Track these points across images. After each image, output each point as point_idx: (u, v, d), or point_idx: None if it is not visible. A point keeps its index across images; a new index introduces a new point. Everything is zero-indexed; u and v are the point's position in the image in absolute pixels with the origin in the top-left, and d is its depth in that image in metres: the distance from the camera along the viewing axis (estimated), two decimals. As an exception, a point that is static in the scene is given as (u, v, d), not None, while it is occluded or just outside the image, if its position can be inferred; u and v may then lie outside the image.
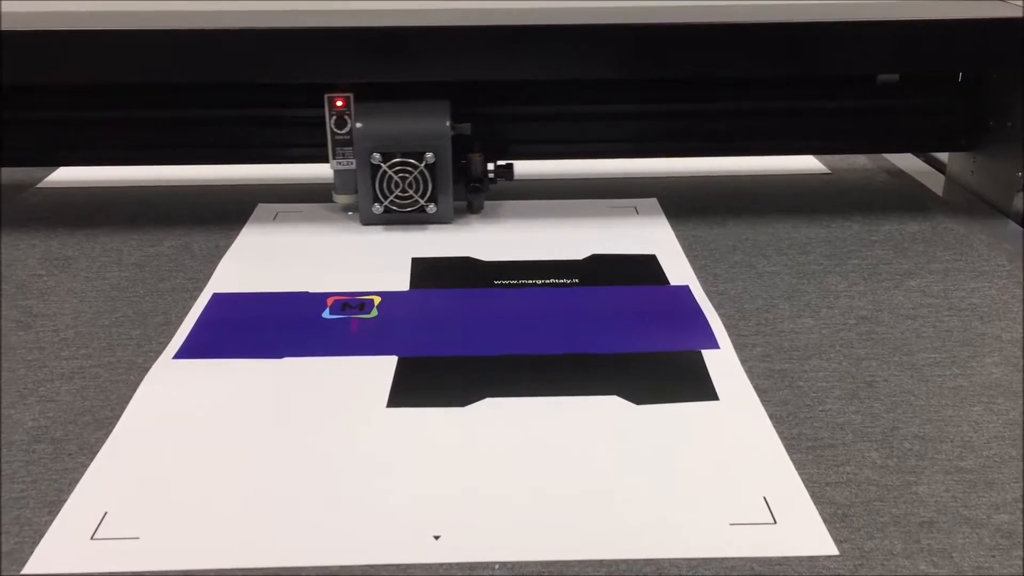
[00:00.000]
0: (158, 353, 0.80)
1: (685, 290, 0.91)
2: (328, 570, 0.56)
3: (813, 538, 0.58)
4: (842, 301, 0.89)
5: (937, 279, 0.94)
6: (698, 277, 0.94)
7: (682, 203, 1.14)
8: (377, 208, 1.04)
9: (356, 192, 1.06)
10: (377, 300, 0.89)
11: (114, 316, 0.87)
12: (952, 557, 0.57)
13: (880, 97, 1.17)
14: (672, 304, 0.89)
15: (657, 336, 0.82)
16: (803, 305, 0.89)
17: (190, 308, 0.88)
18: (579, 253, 0.99)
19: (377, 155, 1.02)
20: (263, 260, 0.99)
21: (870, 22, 1.02)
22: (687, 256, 0.99)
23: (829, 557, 0.57)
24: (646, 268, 0.96)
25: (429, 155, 1.02)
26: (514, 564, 0.56)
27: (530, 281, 0.93)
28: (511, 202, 1.15)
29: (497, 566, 0.56)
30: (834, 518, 0.60)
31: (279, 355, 0.79)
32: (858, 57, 1.06)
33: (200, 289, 0.92)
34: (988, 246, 1.01)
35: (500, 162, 1.11)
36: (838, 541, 0.58)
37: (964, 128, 1.18)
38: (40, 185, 1.24)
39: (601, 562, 0.56)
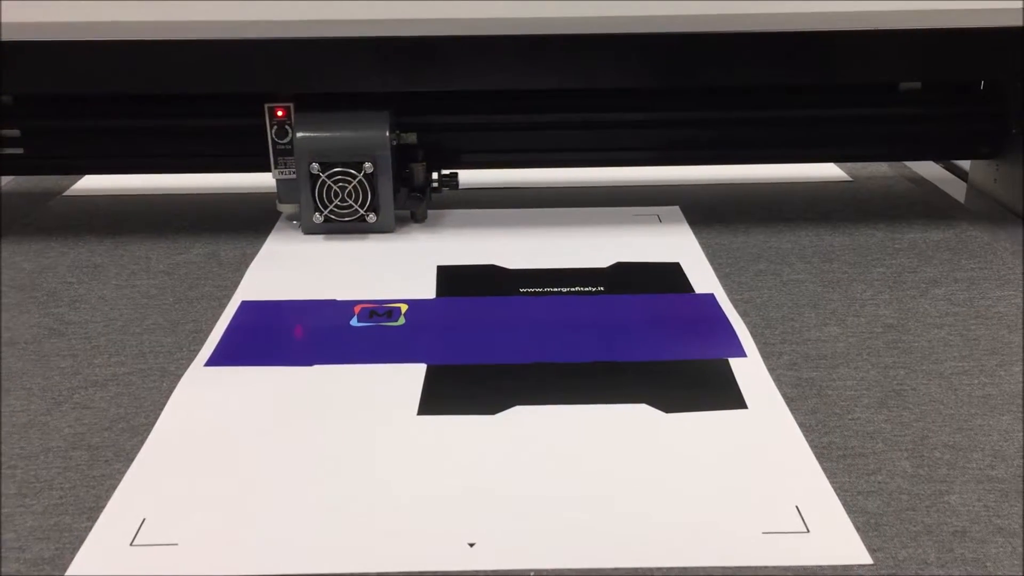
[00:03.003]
0: (190, 360, 0.81)
1: (711, 298, 0.91)
2: (364, 577, 0.56)
3: (847, 547, 0.58)
4: (868, 309, 0.90)
5: (963, 287, 0.94)
6: (723, 285, 0.94)
7: (704, 211, 1.15)
8: (317, 217, 1.05)
9: (299, 201, 1.07)
10: (404, 308, 0.90)
11: (145, 324, 0.88)
12: (986, 567, 0.57)
13: (902, 105, 1.17)
14: (698, 312, 0.89)
15: (684, 344, 0.83)
16: (829, 313, 0.89)
17: (219, 316, 0.89)
18: (604, 261, 1.00)
19: (316, 165, 1.03)
20: (289, 268, 1.00)
21: (892, 31, 1.02)
22: (711, 264, 0.99)
23: (863, 566, 0.57)
24: (671, 276, 0.97)
25: (368, 165, 1.03)
26: (548, 572, 0.57)
27: (556, 289, 0.93)
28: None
29: (532, 573, 0.57)
30: (867, 527, 0.60)
31: (309, 362, 0.80)
32: (880, 65, 1.06)
33: (228, 297, 0.93)
34: (1013, 254, 1.01)
35: (445, 171, 1.12)
36: (871, 550, 0.58)
37: (986, 136, 1.18)
38: (67, 193, 1.26)
39: (635, 570, 0.57)
